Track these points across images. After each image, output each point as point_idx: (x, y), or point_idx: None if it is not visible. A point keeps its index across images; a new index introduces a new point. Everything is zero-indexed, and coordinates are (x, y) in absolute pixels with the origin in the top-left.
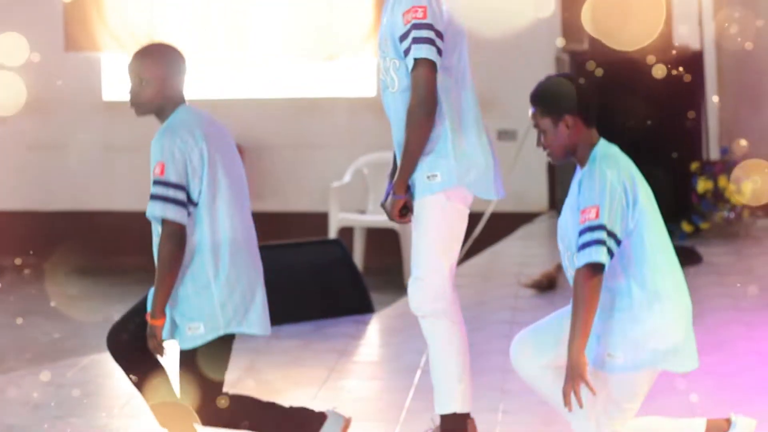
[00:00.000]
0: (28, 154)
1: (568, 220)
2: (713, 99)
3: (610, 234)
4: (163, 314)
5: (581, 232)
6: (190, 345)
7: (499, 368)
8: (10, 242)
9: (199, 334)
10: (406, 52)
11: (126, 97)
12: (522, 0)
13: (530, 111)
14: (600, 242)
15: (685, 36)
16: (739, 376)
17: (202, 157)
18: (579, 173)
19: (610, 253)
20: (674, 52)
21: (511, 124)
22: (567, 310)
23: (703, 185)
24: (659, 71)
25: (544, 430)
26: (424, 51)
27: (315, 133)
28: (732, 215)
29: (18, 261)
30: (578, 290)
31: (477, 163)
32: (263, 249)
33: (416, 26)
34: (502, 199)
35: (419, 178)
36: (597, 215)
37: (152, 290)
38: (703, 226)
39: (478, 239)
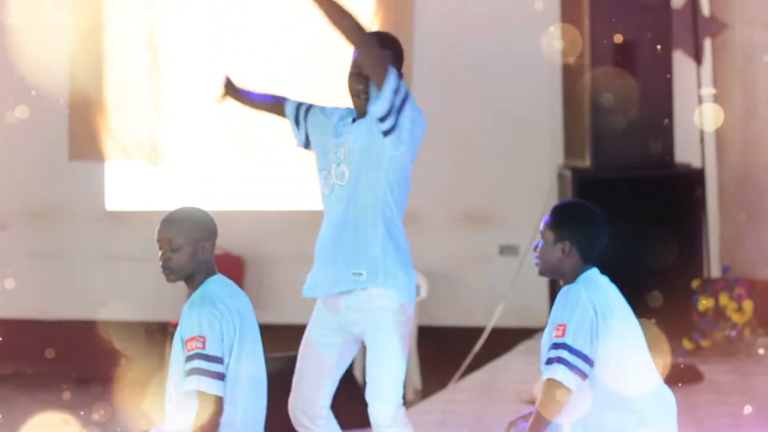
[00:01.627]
0: (29, 263)
1: (546, 339)
2: (714, 216)
3: (576, 353)
4: None
5: (550, 348)
6: None
7: None
8: (10, 351)
9: None
10: None
11: (128, 207)
12: (526, 111)
13: (547, 217)
14: (560, 361)
15: (685, 153)
16: None
17: (236, 332)
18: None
19: (580, 372)
20: (675, 169)
21: (512, 240)
22: (555, 425)
23: (704, 303)
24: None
25: None
26: None
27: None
28: (733, 333)
29: (18, 370)
30: (539, 402)
31: None
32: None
33: None
34: (504, 313)
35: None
36: (563, 333)
37: None
38: (704, 343)
39: (478, 354)
